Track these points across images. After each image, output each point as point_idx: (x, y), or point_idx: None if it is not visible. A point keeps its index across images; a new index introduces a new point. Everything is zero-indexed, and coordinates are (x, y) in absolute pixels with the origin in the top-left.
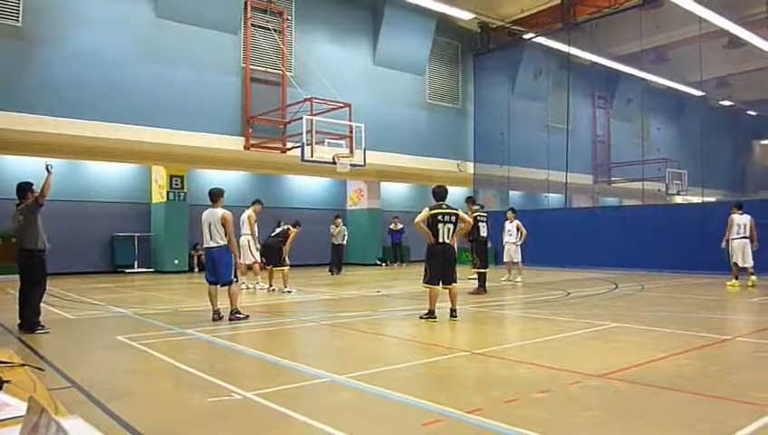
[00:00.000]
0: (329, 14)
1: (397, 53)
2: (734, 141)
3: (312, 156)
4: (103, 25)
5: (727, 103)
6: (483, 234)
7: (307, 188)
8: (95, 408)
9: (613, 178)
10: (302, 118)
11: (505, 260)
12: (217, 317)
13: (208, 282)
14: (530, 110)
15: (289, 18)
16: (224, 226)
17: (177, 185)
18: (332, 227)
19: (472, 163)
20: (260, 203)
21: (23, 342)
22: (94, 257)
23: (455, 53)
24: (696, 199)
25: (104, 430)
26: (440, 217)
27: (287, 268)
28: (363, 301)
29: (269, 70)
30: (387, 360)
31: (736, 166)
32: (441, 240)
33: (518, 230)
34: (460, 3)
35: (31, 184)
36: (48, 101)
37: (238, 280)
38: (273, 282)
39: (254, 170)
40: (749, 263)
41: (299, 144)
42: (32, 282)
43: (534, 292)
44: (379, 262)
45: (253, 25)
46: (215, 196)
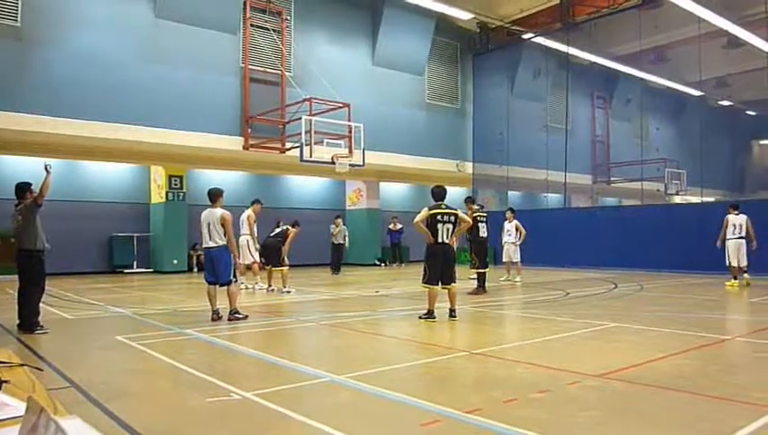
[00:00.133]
0: (328, 15)
1: (396, 53)
2: (733, 141)
3: (311, 156)
4: (102, 25)
5: (726, 103)
6: (482, 234)
7: (306, 189)
8: (94, 408)
9: (612, 178)
10: (302, 118)
11: (504, 260)
12: (216, 317)
13: (207, 282)
14: (529, 110)
15: (288, 18)
16: (223, 226)
17: (176, 185)
18: (332, 227)
19: (471, 163)
20: (259, 203)
21: (21, 342)
22: (93, 258)
23: (454, 53)
24: (695, 199)
25: (103, 430)
26: (439, 217)
27: (286, 268)
28: (362, 301)
29: (268, 70)
30: (386, 360)
31: (735, 166)
32: (440, 240)
33: (517, 230)
34: (459, 3)
35: (29, 184)
36: (47, 101)
37: (237, 280)
38: (272, 282)
39: (253, 170)
40: (744, 263)
41: (298, 144)
42: (31, 282)
43: (533, 292)
44: (378, 262)
45: (252, 25)
46: (214, 196)
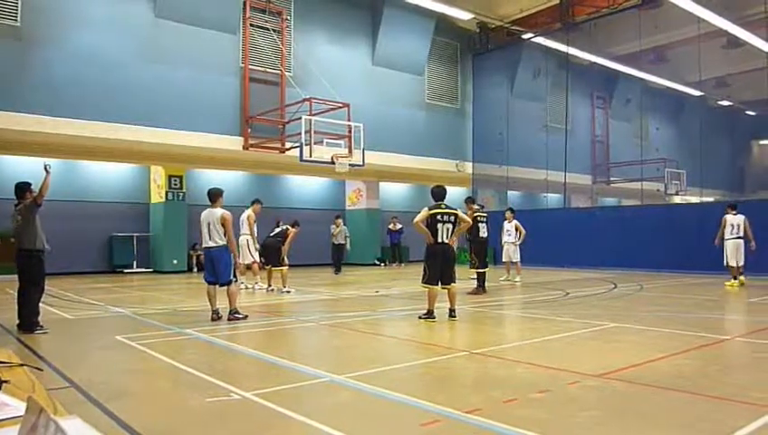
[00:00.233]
0: (328, 15)
1: (396, 53)
2: (733, 141)
3: (311, 156)
4: (102, 25)
5: (726, 103)
6: (483, 234)
7: (306, 189)
8: (94, 408)
9: (612, 178)
10: (301, 118)
11: (504, 260)
12: (216, 317)
13: (207, 282)
14: (529, 110)
15: (288, 18)
16: (223, 225)
17: (175, 185)
18: (333, 228)
19: (471, 163)
20: (259, 203)
21: (21, 342)
22: (93, 257)
23: (454, 53)
24: (695, 199)
25: (103, 431)
26: (439, 217)
27: (286, 268)
28: (362, 301)
29: (268, 70)
30: (386, 360)
31: (735, 166)
32: (440, 240)
33: (517, 230)
34: (459, 3)
35: (29, 184)
36: (47, 101)
37: (237, 280)
38: (271, 282)
39: (253, 170)
40: (741, 262)
41: (298, 144)
42: (30, 282)
43: (533, 292)
44: (378, 262)
45: (252, 25)
46: (214, 196)
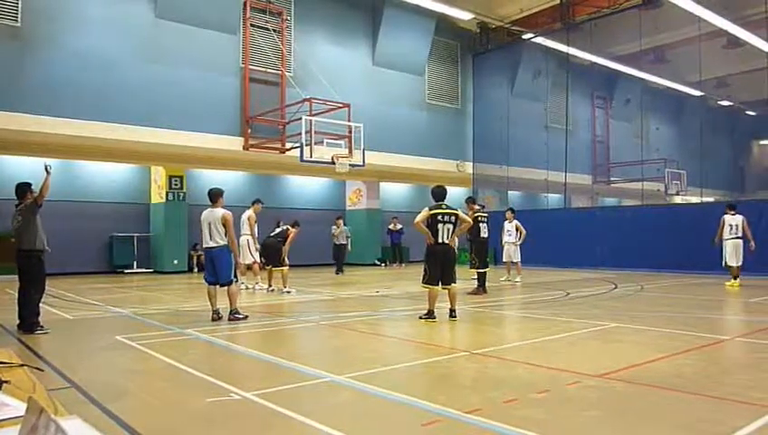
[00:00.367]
0: (328, 15)
1: (396, 54)
2: (733, 141)
3: (312, 156)
4: (102, 26)
5: (726, 103)
6: (483, 234)
7: (306, 189)
8: (94, 408)
9: (612, 178)
10: (302, 118)
11: (504, 260)
12: (217, 317)
13: (207, 282)
14: (529, 110)
15: (288, 18)
16: (224, 225)
17: (176, 185)
18: (333, 228)
19: (471, 163)
20: (260, 203)
21: (22, 342)
22: (93, 258)
23: (454, 54)
24: (695, 199)
25: (103, 430)
26: (440, 218)
27: (286, 268)
28: (362, 301)
29: (268, 70)
30: (386, 360)
31: (735, 166)
32: (441, 240)
33: (517, 230)
34: (459, 3)
35: (29, 184)
36: (47, 102)
37: (237, 280)
38: (272, 282)
39: (254, 171)
40: (739, 262)
41: (298, 144)
42: (31, 282)
43: (533, 292)
44: (379, 262)
45: (252, 26)
46: (214, 196)
